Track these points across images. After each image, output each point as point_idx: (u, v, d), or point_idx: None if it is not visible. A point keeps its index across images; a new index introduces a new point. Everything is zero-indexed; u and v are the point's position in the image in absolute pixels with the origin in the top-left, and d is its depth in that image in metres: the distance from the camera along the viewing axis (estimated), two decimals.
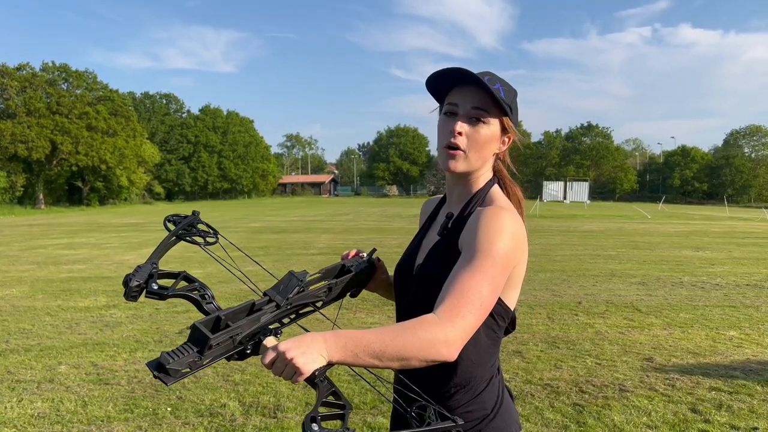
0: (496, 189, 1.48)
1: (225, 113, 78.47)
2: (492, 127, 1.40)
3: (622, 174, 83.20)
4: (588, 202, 65.92)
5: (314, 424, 1.00)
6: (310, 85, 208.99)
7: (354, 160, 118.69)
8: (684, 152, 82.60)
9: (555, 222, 27.53)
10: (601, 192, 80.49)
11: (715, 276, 10.56)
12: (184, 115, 76.64)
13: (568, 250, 14.92)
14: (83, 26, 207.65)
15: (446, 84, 1.42)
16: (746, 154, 79.37)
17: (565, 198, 69.75)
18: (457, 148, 1.38)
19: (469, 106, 1.38)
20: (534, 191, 68.86)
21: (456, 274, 1.28)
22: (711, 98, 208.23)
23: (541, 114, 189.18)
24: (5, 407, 4.32)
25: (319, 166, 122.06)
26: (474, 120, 1.38)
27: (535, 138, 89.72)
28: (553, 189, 72.46)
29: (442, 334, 1.18)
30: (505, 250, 1.30)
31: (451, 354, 1.19)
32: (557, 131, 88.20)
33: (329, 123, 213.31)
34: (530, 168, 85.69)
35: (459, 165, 1.40)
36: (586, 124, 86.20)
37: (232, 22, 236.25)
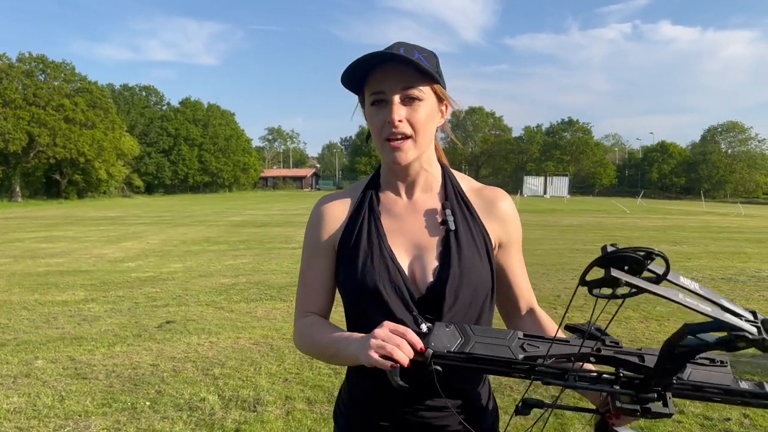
0: (453, 171, 1.42)
1: (206, 106, 77.86)
2: (429, 100, 1.24)
3: (602, 169, 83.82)
4: (568, 196, 66.50)
5: None
6: (292, 78, 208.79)
7: (336, 153, 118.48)
8: (662, 148, 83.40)
9: (535, 216, 27.69)
10: (580, 187, 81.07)
11: (692, 270, 10.69)
12: (164, 108, 75.93)
13: (548, 244, 15.02)
14: (63, 16, 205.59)
15: (361, 73, 1.24)
16: (723, 150, 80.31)
17: (545, 193, 70.30)
18: (402, 138, 1.23)
19: (398, 88, 1.21)
20: (514, 186, 69.24)
21: (522, 268, 1.43)
22: (690, 95, 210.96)
23: (523, 109, 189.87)
24: None
25: (301, 160, 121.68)
26: (408, 100, 1.22)
27: (515, 133, 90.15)
28: (533, 184, 73.01)
29: None
30: None
31: None
32: (538, 126, 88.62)
33: (311, 116, 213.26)
34: (511, 163, 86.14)
35: (409, 155, 1.25)
36: (566, 120, 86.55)
37: (215, 13, 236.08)
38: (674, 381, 0.98)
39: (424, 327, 1.11)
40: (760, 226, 23.12)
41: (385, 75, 1.22)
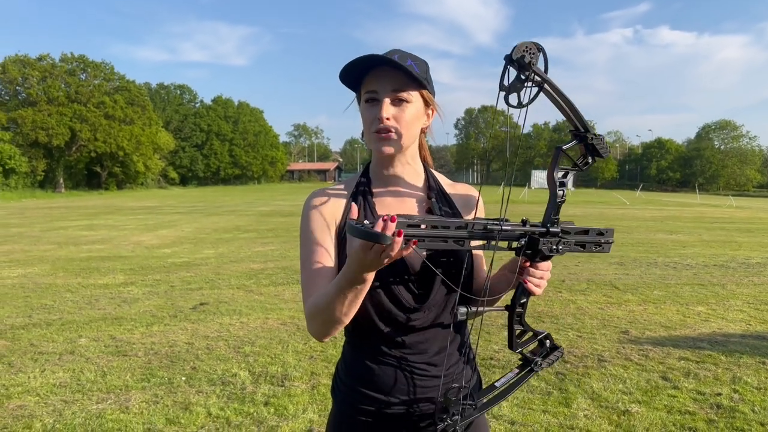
0: (432, 171, 1.51)
1: (236, 104, 78.03)
2: (416, 103, 1.33)
3: (604, 164, 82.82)
4: (572, 189, 65.94)
5: None
6: (317, 78, 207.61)
7: (357, 148, 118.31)
8: (660, 144, 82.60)
9: (541, 207, 27.39)
10: (584, 180, 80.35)
11: (686, 257, 10.58)
12: (197, 105, 76.19)
13: None
14: (103, 21, 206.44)
15: (359, 72, 1.32)
16: (716, 147, 79.38)
17: None
18: (387, 131, 1.30)
19: (389, 89, 1.29)
20: (523, 179, 68.82)
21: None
22: (686, 95, 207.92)
23: (531, 107, 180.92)
24: (29, 377, 4.34)
25: (325, 154, 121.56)
26: (397, 101, 1.30)
27: (524, 130, 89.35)
28: (540, 177, 72.25)
29: None
30: None
31: None
32: (545, 123, 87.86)
33: (335, 113, 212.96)
34: (520, 158, 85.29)
35: (393, 147, 1.33)
36: None
37: (246, 17, 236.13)
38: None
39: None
40: (750, 217, 22.78)
41: (378, 77, 1.30)
